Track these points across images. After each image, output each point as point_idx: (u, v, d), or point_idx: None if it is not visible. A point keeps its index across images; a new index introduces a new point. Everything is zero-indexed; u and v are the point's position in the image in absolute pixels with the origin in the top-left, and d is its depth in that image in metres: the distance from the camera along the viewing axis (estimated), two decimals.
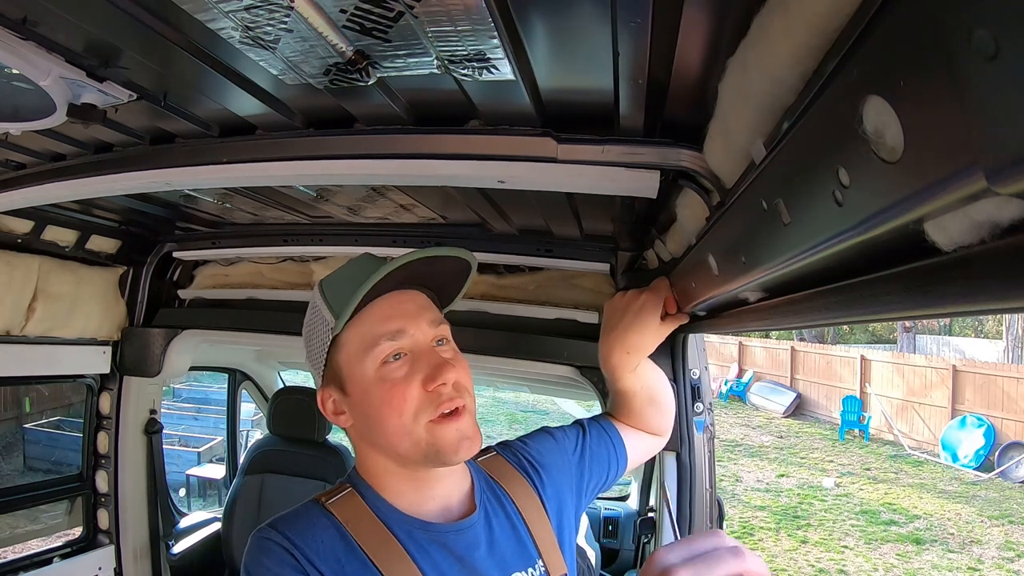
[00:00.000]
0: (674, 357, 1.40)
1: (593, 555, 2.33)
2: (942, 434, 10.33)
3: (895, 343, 18.84)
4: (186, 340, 2.04)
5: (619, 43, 0.61)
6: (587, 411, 5.02)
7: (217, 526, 2.54)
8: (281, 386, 3.15)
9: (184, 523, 2.54)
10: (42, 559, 1.95)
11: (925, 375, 11.32)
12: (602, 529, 2.84)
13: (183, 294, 2.11)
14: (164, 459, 2.27)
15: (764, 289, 0.68)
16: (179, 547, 2.34)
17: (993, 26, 0.20)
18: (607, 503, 3.03)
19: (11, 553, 2.01)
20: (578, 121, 0.84)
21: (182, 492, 6.54)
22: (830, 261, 0.44)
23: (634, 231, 1.36)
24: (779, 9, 0.42)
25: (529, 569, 0.84)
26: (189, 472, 6.80)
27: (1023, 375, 9.94)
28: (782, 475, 9.21)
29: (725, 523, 1.65)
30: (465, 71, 0.72)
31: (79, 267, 1.90)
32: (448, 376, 0.77)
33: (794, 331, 16.31)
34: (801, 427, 12.35)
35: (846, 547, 6.84)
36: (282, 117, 0.93)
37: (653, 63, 0.65)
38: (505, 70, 0.70)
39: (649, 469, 2.29)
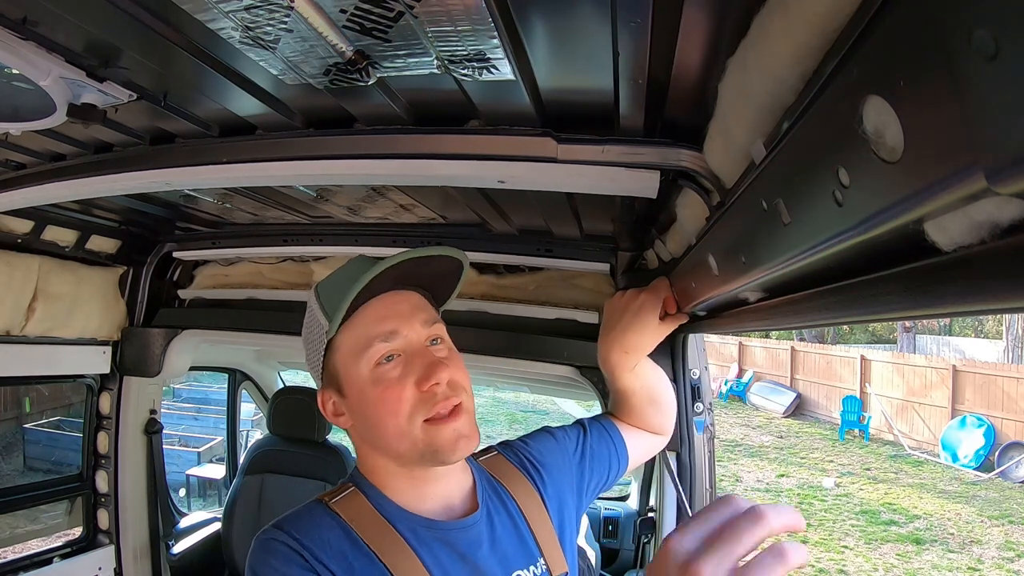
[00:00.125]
0: (674, 357, 1.40)
1: (593, 555, 2.33)
2: (942, 434, 10.33)
3: (895, 343, 18.84)
4: (186, 340, 2.04)
5: (619, 43, 0.61)
6: (587, 411, 5.02)
7: (217, 526, 2.54)
8: (281, 386, 3.15)
9: (184, 523, 2.54)
10: (42, 559, 1.94)
11: (925, 375, 11.32)
12: (602, 529, 2.84)
13: (183, 294, 2.11)
14: (164, 459, 2.27)
15: (764, 289, 0.68)
16: (179, 547, 2.33)
17: (993, 26, 0.20)
18: (607, 503, 3.03)
19: (11, 553, 2.01)
20: (578, 121, 0.84)
21: (182, 492, 6.54)
22: (830, 261, 0.44)
23: (634, 231, 1.36)
24: (779, 9, 0.42)
25: (531, 567, 0.84)
26: (189, 472, 6.80)
27: (1023, 375, 9.94)
28: (782, 475, 9.21)
29: None
30: (465, 71, 0.72)
31: (79, 267, 1.90)
32: (441, 376, 0.77)
33: (794, 331, 16.31)
34: (801, 427, 12.35)
35: (846, 547, 6.84)
36: (282, 117, 0.93)
37: (653, 63, 0.65)
38: (505, 70, 0.70)
39: (649, 469, 2.29)
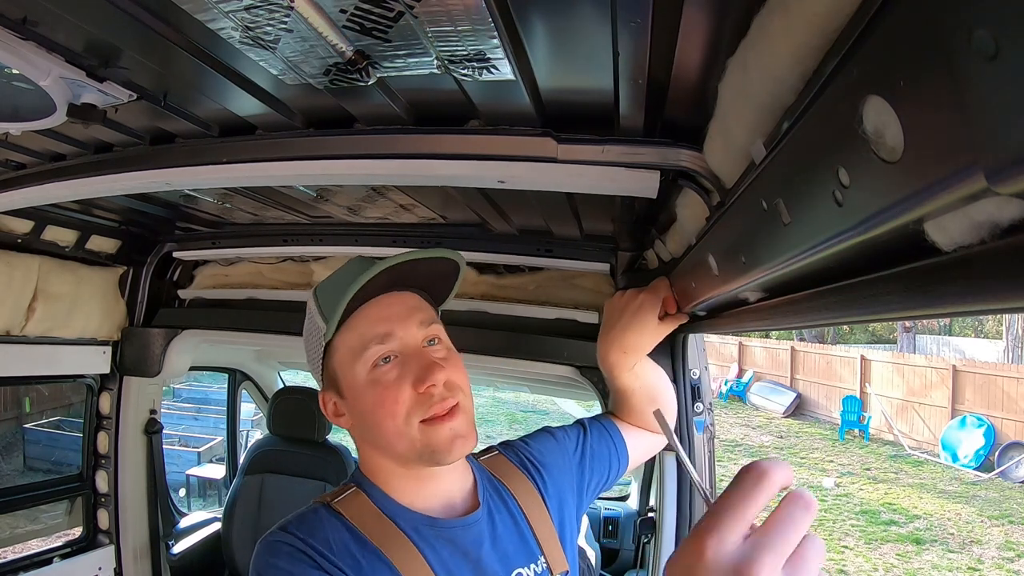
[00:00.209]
0: (674, 357, 1.40)
1: (593, 555, 2.33)
2: (942, 434, 10.32)
3: (895, 343, 18.84)
4: (186, 340, 2.04)
5: (619, 43, 0.61)
6: (587, 411, 5.02)
7: (217, 526, 2.54)
8: (281, 386, 3.15)
9: (184, 523, 2.54)
10: (42, 559, 1.94)
11: (925, 375, 11.31)
12: (602, 529, 2.84)
13: (183, 294, 2.11)
14: (164, 459, 2.27)
15: (764, 289, 0.68)
16: (179, 547, 2.33)
17: (993, 26, 0.20)
18: (607, 503, 3.03)
19: (11, 553, 2.01)
20: (578, 121, 0.84)
21: (182, 492, 6.54)
22: (830, 261, 0.44)
23: (634, 231, 1.36)
24: (779, 9, 0.41)
25: (531, 565, 0.85)
26: (189, 472, 6.80)
27: (1023, 375, 9.94)
28: None
29: None
30: (465, 71, 0.72)
31: (79, 267, 1.90)
32: (437, 377, 0.77)
33: (794, 331, 16.31)
34: (801, 427, 12.34)
35: (846, 547, 6.84)
36: (282, 117, 0.93)
37: (653, 63, 0.64)
38: (505, 70, 0.70)
39: (649, 469, 2.29)
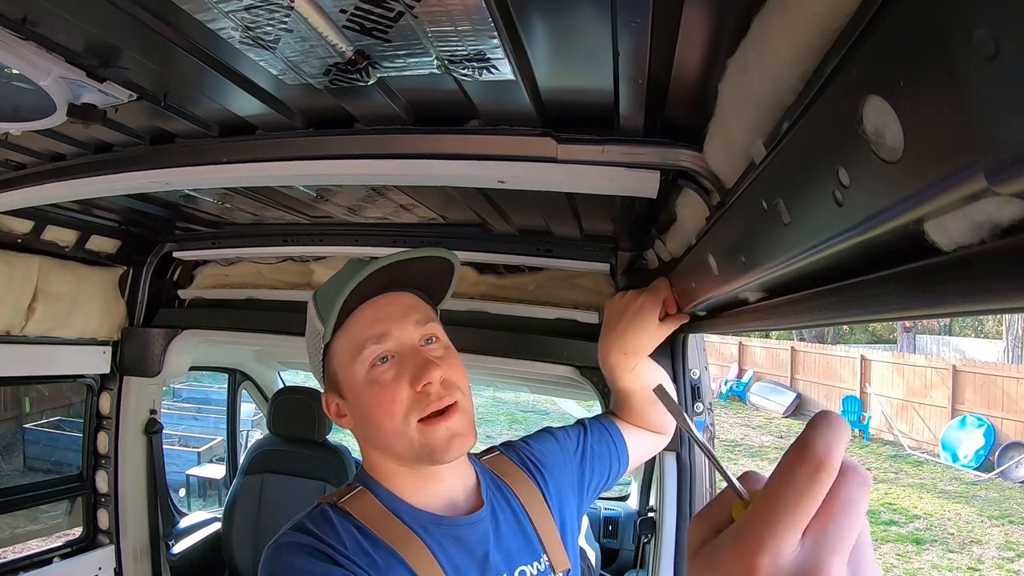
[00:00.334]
0: (674, 357, 1.40)
1: (593, 555, 2.33)
2: (942, 434, 10.32)
3: (895, 343, 18.84)
4: (186, 340, 2.04)
5: (619, 43, 0.61)
6: (587, 411, 5.02)
7: (217, 526, 2.54)
8: (281, 386, 3.15)
9: (184, 523, 2.54)
10: (42, 559, 1.94)
11: (925, 375, 11.31)
12: (602, 529, 2.84)
13: (183, 294, 2.11)
14: (164, 459, 2.27)
15: (764, 289, 0.67)
16: (179, 547, 2.33)
17: (993, 26, 0.20)
18: (607, 503, 3.03)
19: (11, 553, 2.01)
20: (578, 121, 0.84)
21: (182, 492, 6.54)
22: (830, 261, 0.44)
23: (634, 231, 1.36)
24: (779, 9, 0.41)
25: (534, 563, 0.85)
26: (189, 472, 6.79)
27: (1023, 375, 9.94)
28: None
29: None
30: (465, 71, 0.72)
31: (79, 267, 1.90)
32: (433, 375, 0.77)
33: (794, 331, 16.31)
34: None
35: None
36: (282, 117, 0.93)
37: (653, 63, 0.64)
38: (505, 70, 0.70)
39: (649, 469, 2.29)
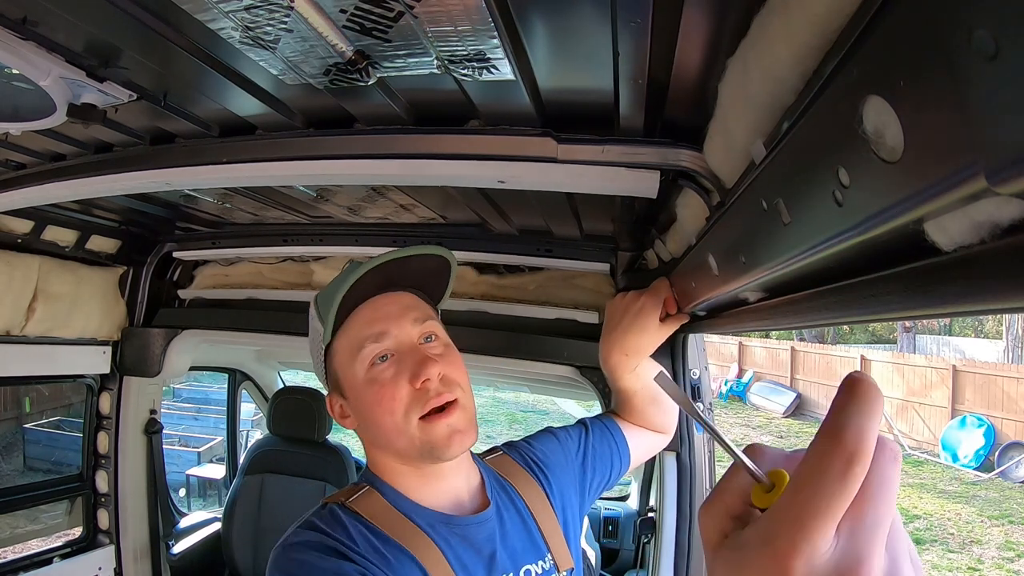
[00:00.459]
0: (674, 357, 1.40)
1: (593, 555, 2.33)
2: (942, 434, 10.32)
3: (895, 343, 18.84)
4: (186, 340, 2.04)
5: (619, 43, 0.61)
6: (587, 411, 5.02)
7: (217, 526, 2.54)
8: (281, 386, 3.15)
9: (184, 523, 2.54)
10: (42, 559, 1.94)
11: (925, 375, 11.31)
12: (602, 529, 2.84)
13: (183, 294, 2.11)
14: (164, 459, 2.27)
15: (764, 289, 0.68)
16: (179, 547, 2.33)
17: (993, 26, 0.20)
18: (607, 503, 3.03)
19: (11, 553, 2.01)
20: (578, 121, 0.84)
21: (182, 492, 6.54)
22: (830, 261, 0.44)
23: (634, 231, 1.36)
24: (779, 9, 0.41)
25: (539, 562, 0.86)
26: (189, 472, 6.80)
27: (1023, 375, 9.94)
28: None
29: None
30: (465, 71, 0.72)
31: (79, 267, 1.90)
32: (431, 371, 0.78)
33: (794, 331, 16.31)
34: (801, 427, 12.33)
35: None
36: (282, 117, 0.93)
37: (653, 63, 0.64)
38: (505, 70, 0.70)
39: (649, 469, 2.29)
